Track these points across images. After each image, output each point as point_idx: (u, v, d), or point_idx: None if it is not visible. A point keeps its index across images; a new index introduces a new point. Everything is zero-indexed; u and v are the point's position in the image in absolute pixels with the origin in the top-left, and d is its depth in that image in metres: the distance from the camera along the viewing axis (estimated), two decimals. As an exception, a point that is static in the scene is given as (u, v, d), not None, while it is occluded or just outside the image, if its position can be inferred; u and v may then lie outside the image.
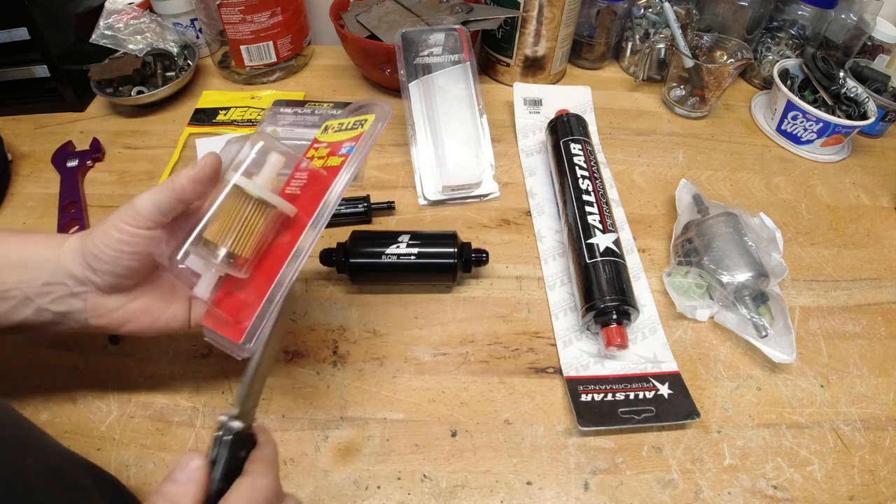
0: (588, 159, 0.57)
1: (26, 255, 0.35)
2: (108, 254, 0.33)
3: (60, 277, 0.34)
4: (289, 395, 0.45)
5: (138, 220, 0.33)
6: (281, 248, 0.38)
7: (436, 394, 0.46)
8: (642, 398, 0.46)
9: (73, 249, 0.35)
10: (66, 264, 0.34)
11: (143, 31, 0.70)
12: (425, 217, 0.60)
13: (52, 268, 0.34)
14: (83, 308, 0.35)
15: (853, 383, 0.49)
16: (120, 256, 0.34)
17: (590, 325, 0.49)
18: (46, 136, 0.66)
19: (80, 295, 0.35)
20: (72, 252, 0.35)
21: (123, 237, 0.33)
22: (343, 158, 0.39)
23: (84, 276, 0.34)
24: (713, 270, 0.50)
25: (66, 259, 0.34)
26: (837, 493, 0.42)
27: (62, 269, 0.34)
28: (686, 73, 0.71)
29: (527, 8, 0.69)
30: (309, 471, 0.41)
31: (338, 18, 0.72)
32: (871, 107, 0.68)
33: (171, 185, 0.34)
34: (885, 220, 0.63)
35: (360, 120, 0.41)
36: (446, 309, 0.52)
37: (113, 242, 0.33)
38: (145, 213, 0.33)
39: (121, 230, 0.33)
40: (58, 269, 0.34)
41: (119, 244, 0.33)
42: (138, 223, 0.33)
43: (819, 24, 0.75)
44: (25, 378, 0.45)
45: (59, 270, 0.34)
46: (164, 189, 0.34)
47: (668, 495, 0.41)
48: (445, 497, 0.41)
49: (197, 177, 0.34)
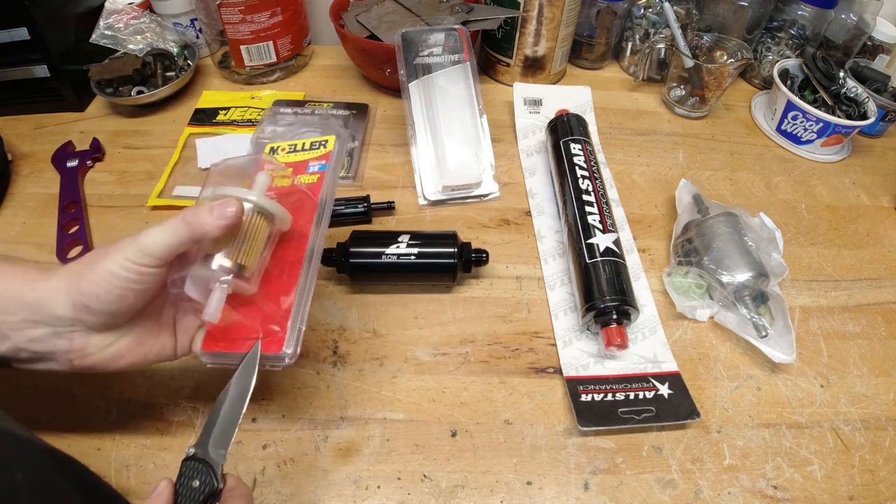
0: (588, 159, 0.57)
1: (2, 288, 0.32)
2: (113, 293, 0.32)
3: (41, 317, 0.32)
4: (289, 395, 0.45)
5: (149, 261, 0.32)
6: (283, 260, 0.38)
7: (436, 394, 0.46)
8: (642, 398, 0.46)
9: (59, 287, 0.32)
10: (50, 304, 0.32)
11: (143, 31, 0.70)
12: (425, 217, 0.60)
13: (29, 305, 0.32)
14: (67, 349, 0.33)
15: (853, 383, 0.49)
16: (126, 295, 0.32)
17: (590, 325, 0.49)
18: (46, 136, 0.66)
19: (66, 335, 0.33)
20: (58, 292, 0.32)
21: (131, 276, 0.32)
22: (319, 175, 0.41)
23: (75, 317, 0.32)
24: (713, 270, 0.50)
25: (49, 297, 0.32)
26: (837, 493, 0.42)
27: (43, 308, 0.32)
28: (686, 73, 0.71)
29: (527, 8, 0.69)
30: (309, 471, 0.41)
31: (338, 18, 0.72)
32: (871, 107, 0.68)
33: (188, 227, 0.32)
34: (885, 220, 0.63)
35: (321, 141, 0.43)
36: (446, 309, 0.52)
37: (119, 281, 0.32)
38: (158, 254, 0.32)
39: (129, 269, 0.32)
40: (38, 307, 0.32)
41: (126, 283, 0.32)
42: (149, 263, 0.32)
43: (819, 24, 0.75)
44: (25, 378, 0.45)
45: (40, 309, 0.32)
46: (181, 230, 0.32)
47: (668, 495, 0.41)
48: (445, 497, 0.41)
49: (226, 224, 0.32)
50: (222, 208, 0.33)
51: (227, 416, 0.32)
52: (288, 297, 0.37)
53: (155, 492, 0.29)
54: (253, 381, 0.33)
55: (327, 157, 0.42)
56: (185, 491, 0.30)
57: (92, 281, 0.32)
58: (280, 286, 0.37)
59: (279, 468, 0.41)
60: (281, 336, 0.35)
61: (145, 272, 0.32)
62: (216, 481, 0.30)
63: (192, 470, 0.30)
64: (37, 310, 0.32)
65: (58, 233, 0.56)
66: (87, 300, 0.32)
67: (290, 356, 0.35)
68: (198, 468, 0.30)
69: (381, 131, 0.69)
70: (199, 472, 0.30)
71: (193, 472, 0.30)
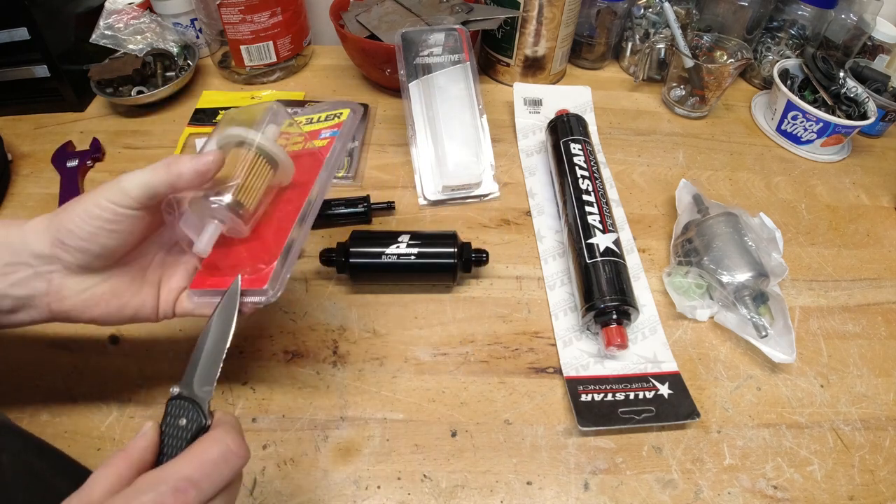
0: (588, 159, 0.57)
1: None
2: (86, 230, 0.32)
3: (24, 257, 0.33)
4: (289, 395, 0.45)
5: (125, 200, 0.32)
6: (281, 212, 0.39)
7: (436, 394, 0.46)
8: (642, 398, 0.46)
9: (39, 227, 0.33)
10: (31, 243, 0.33)
11: (143, 31, 0.70)
12: (425, 217, 0.60)
13: (14, 247, 0.33)
14: (46, 290, 0.34)
15: (853, 383, 0.49)
16: (98, 234, 0.33)
17: (590, 325, 0.49)
18: (46, 136, 0.66)
19: (45, 275, 0.33)
20: (38, 230, 0.33)
21: (105, 214, 0.32)
22: (329, 140, 0.42)
23: (52, 254, 0.33)
24: (713, 270, 0.50)
25: (30, 237, 0.33)
26: (837, 493, 0.42)
27: (26, 248, 0.33)
28: (686, 73, 0.71)
29: (527, 8, 0.69)
30: (309, 471, 0.41)
31: (338, 18, 0.72)
32: (871, 107, 0.68)
33: (167, 169, 0.32)
34: (885, 220, 0.63)
35: (335, 113, 0.45)
36: (446, 309, 0.52)
37: (93, 219, 0.32)
38: (133, 193, 0.32)
39: (103, 207, 0.32)
40: (21, 247, 0.33)
41: (100, 221, 0.32)
42: (125, 203, 0.32)
43: (819, 24, 0.75)
44: (25, 378, 0.45)
45: (23, 249, 0.33)
46: (159, 172, 0.32)
47: (668, 495, 0.41)
48: (445, 497, 0.41)
49: (200, 170, 0.33)
50: (203, 156, 0.33)
51: (211, 352, 0.32)
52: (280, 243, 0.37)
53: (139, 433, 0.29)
54: (234, 315, 0.33)
55: (339, 125, 0.44)
56: (172, 430, 0.29)
57: (69, 218, 0.32)
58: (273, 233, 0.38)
59: (279, 468, 0.41)
60: (266, 272, 0.35)
61: (120, 212, 0.32)
62: (204, 418, 0.29)
63: (179, 408, 0.29)
64: (19, 251, 0.33)
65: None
66: (62, 236, 0.32)
67: (273, 294, 0.35)
68: (184, 406, 0.29)
69: (381, 131, 0.69)
70: (185, 409, 0.29)
71: (180, 411, 0.29)
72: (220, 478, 0.27)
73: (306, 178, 0.40)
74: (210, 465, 0.26)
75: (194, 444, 0.27)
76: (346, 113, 0.45)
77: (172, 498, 0.25)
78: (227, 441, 0.27)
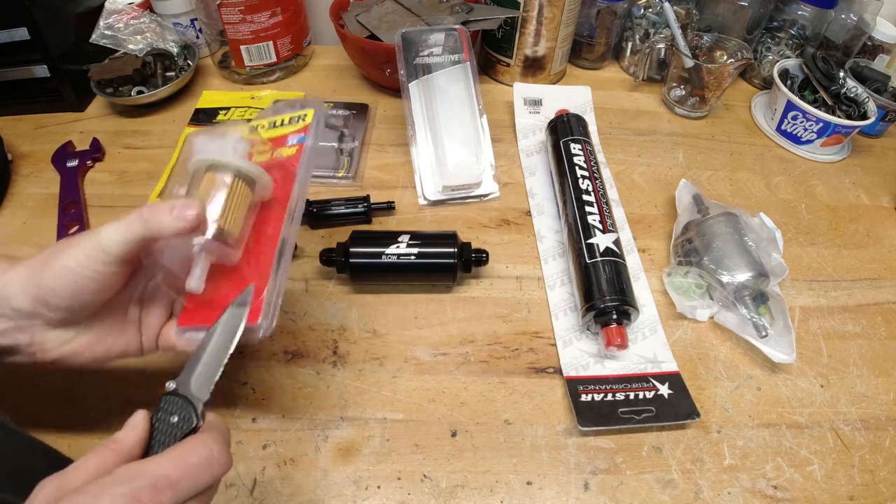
0: (588, 159, 0.57)
1: None
2: (68, 288, 0.31)
3: (4, 310, 0.32)
4: (289, 395, 0.45)
5: (104, 258, 0.31)
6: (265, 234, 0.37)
7: (436, 394, 0.46)
8: (642, 398, 0.46)
9: (19, 280, 0.32)
10: (11, 297, 0.32)
11: (143, 31, 0.70)
12: (425, 217, 0.60)
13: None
14: (29, 342, 0.33)
15: (853, 383, 0.49)
16: (82, 292, 0.32)
17: (590, 325, 0.49)
18: (46, 136, 0.66)
19: (27, 329, 0.33)
20: (18, 282, 0.32)
21: (86, 273, 0.31)
22: (298, 146, 0.40)
23: (33, 310, 0.32)
24: (713, 270, 0.50)
25: (10, 290, 0.32)
26: (837, 493, 0.42)
27: (6, 301, 0.32)
28: (686, 73, 0.71)
29: (527, 8, 0.69)
30: (309, 471, 0.41)
31: (338, 18, 0.72)
32: (871, 107, 0.68)
33: (144, 226, 0.31)
34: (885, 220, 0.63)
35: (299, 115, 0.42)
36: (446, 309, 0.52)
37: (74, 277, 0.31)
38: (113, 252, 0.31)
39: (83, 266, 0.31)
40: (1, 300, 0.32)
41: (80, 279, 0.31)
42: (104, 260, 0.31)
43: (819, 24, 0.75)
44: (25, 378, 0.45)
45: (3, 302, 0.32)
46: (136, 228, 0.31)
47: (668, 495, 0.41)
48: (445, 497, 0.41)
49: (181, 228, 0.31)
50: (183, 209, 0.31)
51: (214, 354, 0.31)
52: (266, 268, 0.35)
53: (130, 423, 0.28)
54: (243, 320, 0.32)
55: (306, 129, 0.41)
56: (163, 426, 0.28)
57: (49, 275, 0.31)
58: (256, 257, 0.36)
59: (279, 468, 0.41)
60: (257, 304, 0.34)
61: (101, 270, 0.31)
62: (196, 418, 0.29)
63: (172, 405, 0.29)
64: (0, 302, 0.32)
65: (58, 233, 0.56)
66: (44, 293, 0.31)
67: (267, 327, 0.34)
68: (178, 403, 0.29)
69: (381, 131, 0.69)
70: (178, 407, 0.29)
71: (172, 408, 0.29)
72: (199, 482, 0.26)
73: (280, 193, 0.38)
74: (191, 468, 0.26)
75: (179, 443, 0.27)
76: (311, 115, 0.42)
77: (148, 495, 0.24)
78: (212, 447, 0.27)
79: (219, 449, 0.27)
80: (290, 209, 0.38)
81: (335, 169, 0.63)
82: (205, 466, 0.26)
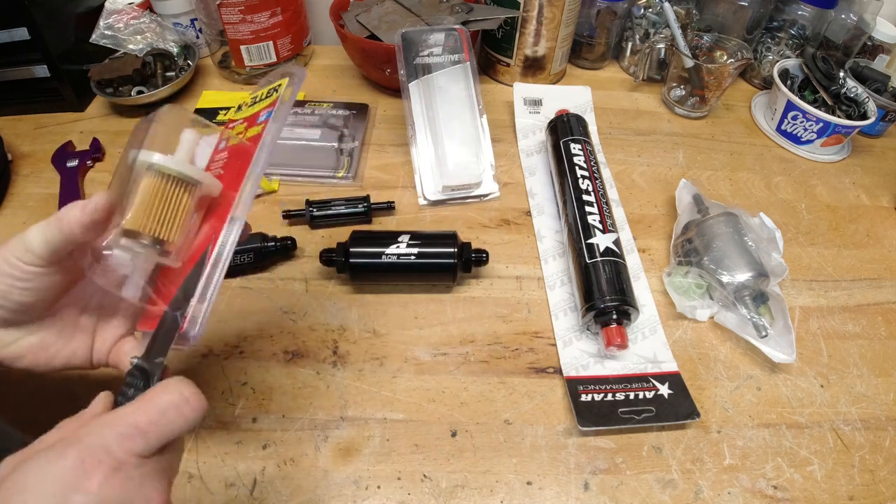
0: (588, 159, 0.57)
1: None
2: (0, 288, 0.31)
3: None
4: (289, 395, 0.45)
5: (29, 258, 0.30)
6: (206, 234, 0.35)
7: (436, 394, 0.46)
8: (642, 398, 0.46)
9: None
10: None
11: (143, 31, 0.70)
12: (425, 217, 0.60)
13: None
14: None
15: (853, 383, 0.49)
16: (10, 291, 0.31)
17: (590, 325, 0.49)
18: (46, 136, 0.66)
19: None
20: None
21: (14, 272, 0.30)
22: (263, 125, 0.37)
23: None
24: (713, 270, 0.50)
25: None
26: (837, 493, 0.42)
27: None
28: (686, 73, 0.71)
29: (527, 8, 0.69)
30: (309, 471, 0.41)
31: (338, 18, 0.72)
32: (871, 107, 0.68)
33: (59, 224, 0.30)
34: (885, 220, 0.63)
35: (273, 87, 0.40)
36: (446, 309, 0.52)
37: (4, 276, 0.30)
38: (37, 251, 0.30)
39: (12, 265, 0.30)
40: None
41: (10, 279, 0.30)
42: (30, 261, 0.30)
43: (819, 24, 0.75)
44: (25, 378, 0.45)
45: None
46: (53, 228, 0.30)
47: (668, 495, 0.41)
48: (445, 497, 0.41)
49: (86, 222, 0.30)
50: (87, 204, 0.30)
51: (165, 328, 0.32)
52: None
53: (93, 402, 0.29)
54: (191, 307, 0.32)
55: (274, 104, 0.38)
56: (123, 400, 0.29)
57: None
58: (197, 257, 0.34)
59: (279, 468, 0.41)
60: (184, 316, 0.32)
61: (28, 270, 0.30)
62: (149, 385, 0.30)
63: (132, 378, 0.30)
64: None
65: None
66: None
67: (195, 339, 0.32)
68: (135, 376, 0.30)
69: (381, 131, 0.69)
70: (136, 379, 0.30)
71: (131, 381, 0.30)
72: (170, 428, 0.26)
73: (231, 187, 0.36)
74: (160, 412, 0.26)
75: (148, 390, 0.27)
76: (284, 83, 0.38)
77: (117, 444, 0.24)
78: (181, 389, 0.27)
79: (190, 391, 0.27)
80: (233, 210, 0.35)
81: (335, 169, 0.63)
82: (174, 409, 0.26)
